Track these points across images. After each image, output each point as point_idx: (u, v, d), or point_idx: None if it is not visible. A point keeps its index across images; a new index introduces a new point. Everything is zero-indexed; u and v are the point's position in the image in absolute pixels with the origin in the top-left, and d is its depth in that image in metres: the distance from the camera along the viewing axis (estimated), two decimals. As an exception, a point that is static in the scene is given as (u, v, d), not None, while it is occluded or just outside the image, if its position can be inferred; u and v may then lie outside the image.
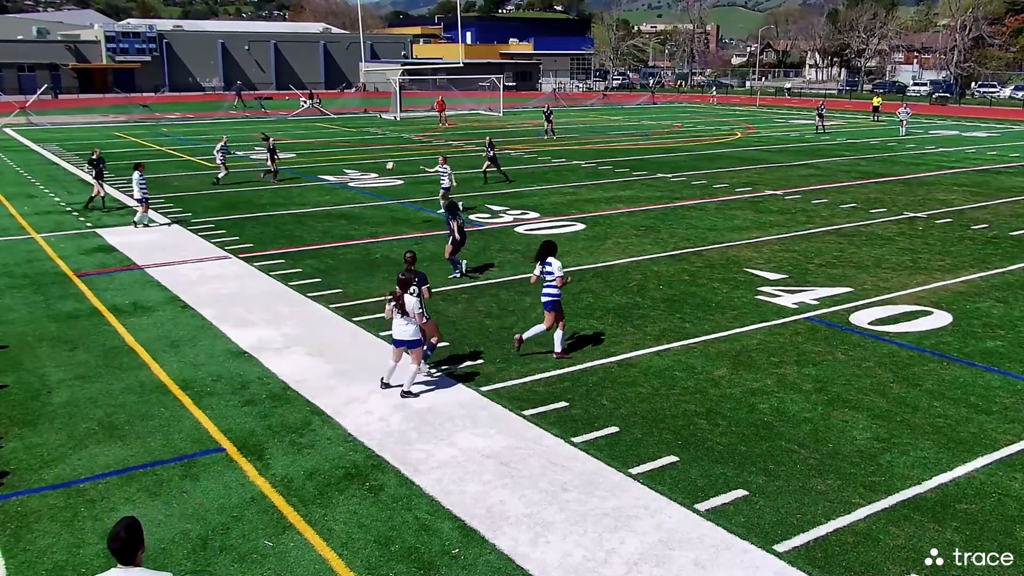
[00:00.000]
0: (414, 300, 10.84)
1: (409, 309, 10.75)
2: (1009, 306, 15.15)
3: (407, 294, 10.84)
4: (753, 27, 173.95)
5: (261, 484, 8.90)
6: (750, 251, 19.24)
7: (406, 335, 10.89)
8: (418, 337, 10.96)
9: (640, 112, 69.47)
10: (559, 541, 7.90)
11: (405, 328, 10.85)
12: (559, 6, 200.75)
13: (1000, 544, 7.82)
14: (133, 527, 5.09)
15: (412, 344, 10.94)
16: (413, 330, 10.87)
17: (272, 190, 27.60)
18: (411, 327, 10.85)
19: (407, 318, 10.78)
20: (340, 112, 65.32)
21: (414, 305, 10.80)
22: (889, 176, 31.64)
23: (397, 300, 10.77)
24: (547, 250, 12.15)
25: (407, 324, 10.82)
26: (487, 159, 29.08)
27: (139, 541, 5.11)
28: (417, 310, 10.86)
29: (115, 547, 5.04)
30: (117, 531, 5.05)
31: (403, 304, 10.75)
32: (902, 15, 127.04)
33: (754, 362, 12.40)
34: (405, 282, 10.94)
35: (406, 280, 10.97)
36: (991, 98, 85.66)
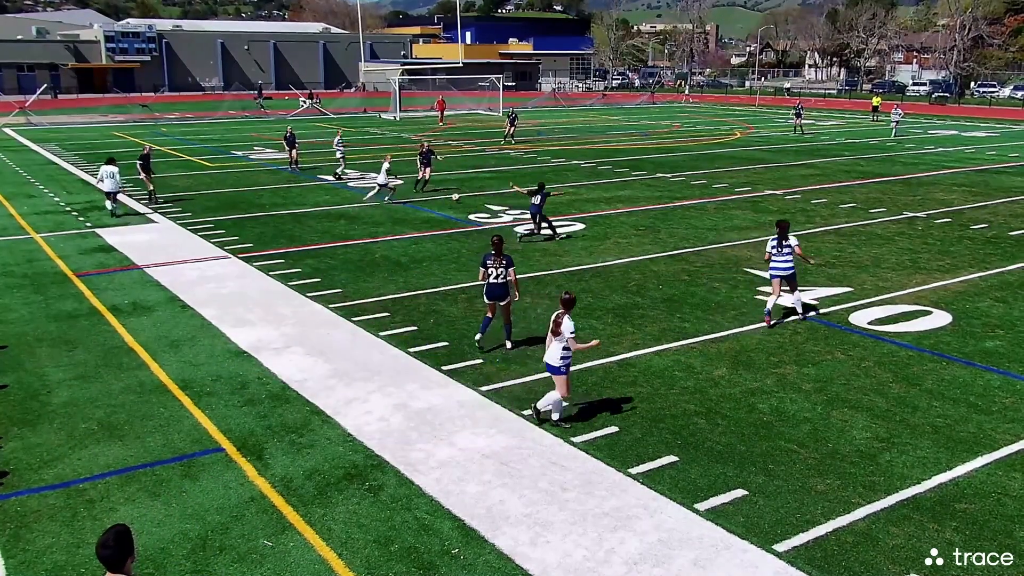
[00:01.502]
0: (570, 323, 9.97)
1: (563, 330, 9.91)
2: (1008, 306, 15.16)
3: (568, 316, 10.01)
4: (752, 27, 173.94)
5: (260, 484, 8.90)
6: (749, 251, 19.24)
7: (553, 360, 10.04)
8: (555, 364, 10.03)
9: (639, 112, 69.48)
10: (559, 541, 7.90)
11: (549, 350, 10.05)
12: (559, 6, 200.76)
13: (1000, 544, 7.82)
14: (123, 535, 4.99)
15: (551, 369, 10.14)
16: (554, 355, 10.01)
17: (271, 190, 27.60)
18: (555, 351, 9.99)
19: (559, 339, 9.94)
20: (340, 112, 65.31)
21: (568, 328, 9.93)
22: (888, 176, 31.65)
23: (556, 320, 9.96)
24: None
25: (556, 345, 9.97)
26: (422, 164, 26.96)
27: (128, 550, 5.01)
28: (569, 333, 9.93)
29: (103, 554, 4.96)
30: (106, 538, 4.97)
31: (559, 325, 9.93)
32: (901, 15, 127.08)
33: (753, 362, 12.41)
34: (569, 302, 10.15)
35: (571, 300, 10.19)
36: (990, 98, 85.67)
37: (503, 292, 12.31)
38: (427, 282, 16.49)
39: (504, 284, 12.25)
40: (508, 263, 12.23)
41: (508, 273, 12.20)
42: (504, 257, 12.22)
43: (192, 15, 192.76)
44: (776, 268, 14.02)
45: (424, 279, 16.71)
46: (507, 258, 12.23)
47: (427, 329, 13.72)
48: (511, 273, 12.23)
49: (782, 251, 13.96)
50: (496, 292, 12.32)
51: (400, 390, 11.30)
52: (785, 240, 13.95)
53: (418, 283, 16.42)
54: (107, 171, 22.99)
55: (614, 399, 11.02)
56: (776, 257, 13.98)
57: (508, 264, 12.23)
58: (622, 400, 10.99)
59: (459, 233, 21.06)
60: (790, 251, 13.95)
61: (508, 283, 12.27)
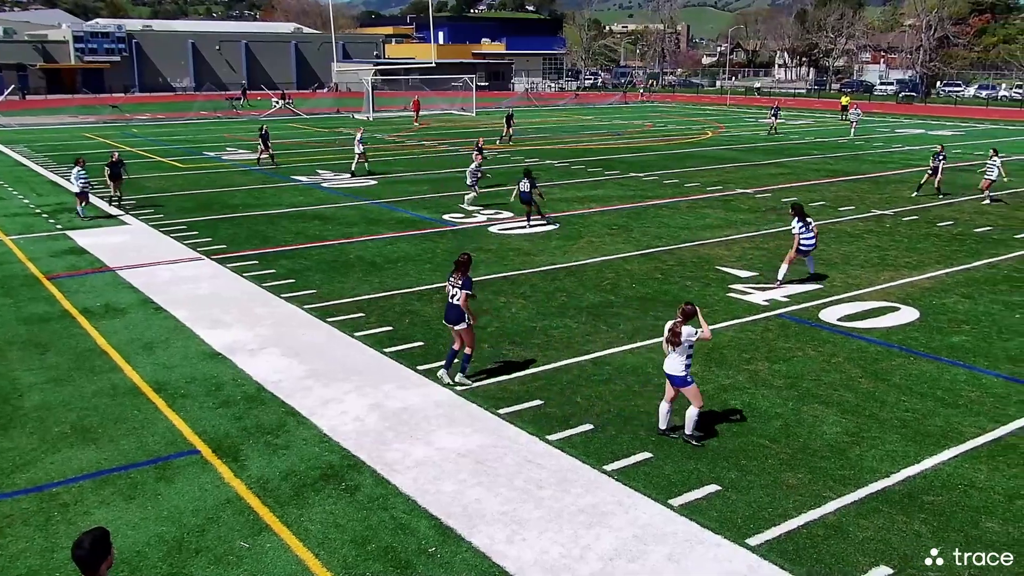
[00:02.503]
0: (690, 329, 9.58)
1: (684, 339, 9.56)
2: (974, 301, 15.44)
3: (687, 324, 9.61)
4: (723, 27, 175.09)
5: (236, 485, 8.90)
6: (721, 249, 19.44)
7: (676, 370, 9.72)
8: (679, 374, 9.68)
9: (612, 112, 69.77)
10: (535, 538, 7.97)
11: (675, 362, 9.70)
12: (531, 6, 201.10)
13: (967, 535, 8.00)
14: (99, 539, 4.95)
15: (674, 381, 9.78)
16: (675, 365, 9.71)
17: (244, 191, 27.45)
18: (675, 361, 9.66)
19: (680, 350, 9.62)
20: (312, 112, 64.99)
21: (690, 334, 9.57)
22: (857, 174, 32.06)
23: (674, 329, 9.59)
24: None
25: (678, 357, 9.65)
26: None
27: (104, 553, 4.96)
28: (693, 337, 9.59)
29: (78, 555, 4.91)
30: (81, 540, 4.93)
31: (678, 335, 9.57)
32: (869, 15, 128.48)
33: (726, 359, 12.56)
34: (691, 312, 9.65)
35: (692, 310, 9.67)
36: (956, 97, 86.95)
37: (456, 316, 11.12)
38: (402, 282, 16.51)
39: (459, 307, 11.07)
40: (463, 284, 11.04)
41: (460, 296, 11.04)
42: (462, 277, 11.09)
43: (162, 15, 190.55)
44: (805, 245, 16.22)
45: (399, 279, 16.73)
46: (465, 279, 11.07)
47: (402, 329, 13.74)
48: (462, 297, 11.01)
49: (808, 229, 16.14)
50: (450, 315, 11.22)
51: (376, 390, 11.33)
52: (808, 220, 16.18)
53: (393, 283, 16.44)
54: (74, 173, 22.83)
55: (589, 397, 11.12)
56: (805, 236, 16.14)
57: (463, 286, 11.05)
58: (596, 398, 11.09)
59: (433, 233, 21.09)
60: (814, 230, 16.26)
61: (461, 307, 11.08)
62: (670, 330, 9.60)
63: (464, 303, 11.01)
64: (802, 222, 16.13)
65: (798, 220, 16.17)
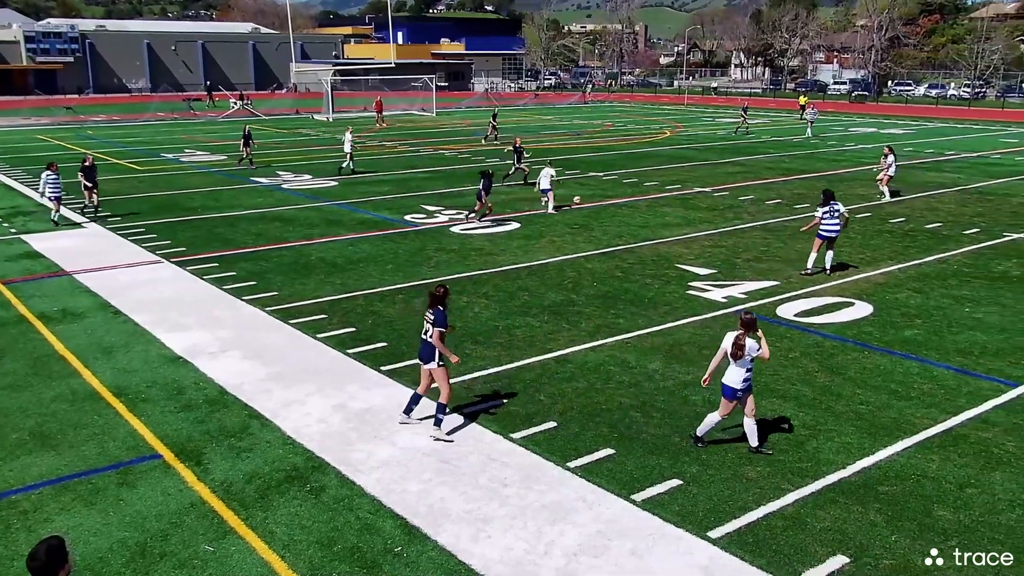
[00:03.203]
0: (753, 343, 9.39)
1: (747, 352, 9.36)
2: (925, 296, 15.82)
3: (750, 336, 9.42)
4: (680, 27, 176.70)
5: (200, 489, 8.86)
6: (680, 247, 19.69)
7: (735, 382, 9.49)
8: (736, 387, 9.47)
9: (571, 111, 70.09)
10: (500, 535, 8.05)
11: (735, 375, 9.50)
12: (490, 6, 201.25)
13: (919, 523, 8.23)
14: (55, 548, 4.84)
15: (725, 391, 9.56)
16: (735, 377, 9.47)
17: (203, 193, 27.18)
18: (736, 373, 9.45)
19: (741, 362, 9.42)
20: (271, 113, 64.43)
21: (752, 348, 9.38)
22: (812, 172, 32.60)
23: (738, 342, 9.37)
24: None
25: (739, 370, 9.45)
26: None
27: (61, 562, 4.85)
28: (755, 351, 9.40)
29: (32, 566, 4.81)
30: (36, 550, 4.83)
31: (743, 347, 9.35)
32: (822, 15, 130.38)
33: (686, 355, 12.74)
34: (751, 322, 9.48)
35: (752, 320, 9.50)
36: (906, 96, 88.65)
37: (427, 353, 9.86)
38: (364, 283, 16.50)
39: (431, 344, 9.81)
40: (435, 320, 9.75)
41: (433, 333, 9.76)
42: (434, 311, 9.79)
43: (116, 15, 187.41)
44: (827, 230, 16.86)
45: (361, 280, 16.71)
46: (437, 313, 9.75)
47: (365, 330, 13.75)
48: (435, 334, 9.71)
49: (833, 215, 16.74)
50: (422, 352, 9.96)
51: (339, 391, 11.33)
52: (835, 205, 16.76)
53: (355, 284, 16.42)
54: (44, 177, 21.91)
55: (552, 395, 11.22)
56: (827, 221, 16.78)
57: (435, 321, 9.75)
58: (560, 396, 11.20)
59: (395, 234, 21.07)
60: (839, 215, 16.76)
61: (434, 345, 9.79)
62: (734, 343, 9.36)
63: (437, 340, 9.72)
64: (827, 207, 16.74)
65: (823, 205, 16.82)
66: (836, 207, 16.82)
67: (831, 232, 16.93)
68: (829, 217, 16.82)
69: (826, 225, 16.88)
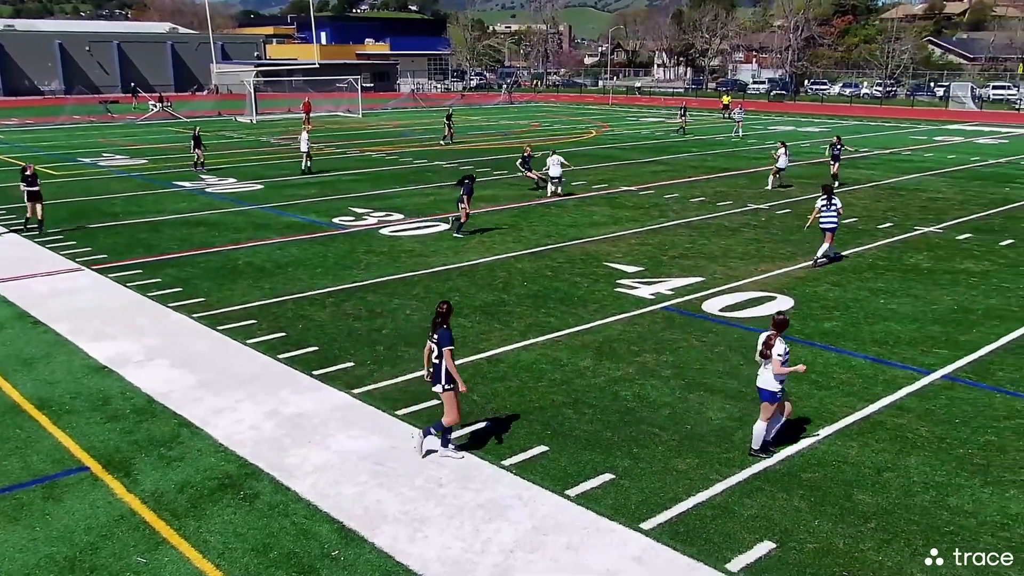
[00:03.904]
0: (782, 345, 9.41)
1: (774, 352, 9.39)
2: (843, 289, 16.40)
3: (780, 337, 9.45)
4: (604, 27, 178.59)
5: (130, 501, 8.71)
6: (608, 246, 20.00)
7: (760, 382, 9.60)
8: (773, 388, 9.48)
9: (498, 112, 70.32)
10: (437, 535, 8.12)
11: (762, 374, 9.58)
12: (414, 6, 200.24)
13: (841, 507, 8.58)
14: None
15: (762, 395, 9.62)
16: (769, 379, 9.49)
17: (124, 198, 26.50)
18: (768, 375, 9.49)
19: (769, 363, 9.45)
20: (192, 115, 62.89)
21: (780, 352, 9.39)
22: (734, 171, 33.39)
23: (767, 341, 9.45)
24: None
25: (767, 369, 9.50)
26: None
27: None
28: (777, 355, 9.37)
29: None
30: None
31: (771, 347, 9.41)
32: (741, 16, 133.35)
33: (616, 352, 12.98)
34: (782, 323, 9.58)
35: (784, 321, 9.62)
36: (822, 95, 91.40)
37: (436, 376, 9.45)
38: (293, 287, 16.35)
39: (439, 367, 9.39)
40: (440, 339, 9.35)
41: (440, 353, 9.36)
42: (439, 332, 9.37)
43: (25, 13, 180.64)
44: (825, 222, 17.86)
45: (290, 284, 16.56)
46: (440, 332, 9.35)
47: (296, 335, 13.64)
48: (446, 355, 9.30)
49: (830, 208, 17.82)
50: (433, 375, 9.52)
51: (271, 397, 11.24)
52: (833, 200, 17.83)
53: (284, 289, 16.26)
54: None
55: (485, 394, 11.32)
56: (825, 213, 17.84)
57: (439, 341, 9.36)
58: (493, 395, 11.31)
59: (324, 237, 20.91)
60: (837, 209, 17.83)
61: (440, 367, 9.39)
62: (764, 343, 9.47)
63: (449, 361, 9.27)
64: (826, 200, 17.84)
65: (822, 198, 17.95)
66: (834, 201, 17.88)
67: (830, 224, 17.91)
68: (827, 209, 17.89)
69: (824, 217, 17.92)
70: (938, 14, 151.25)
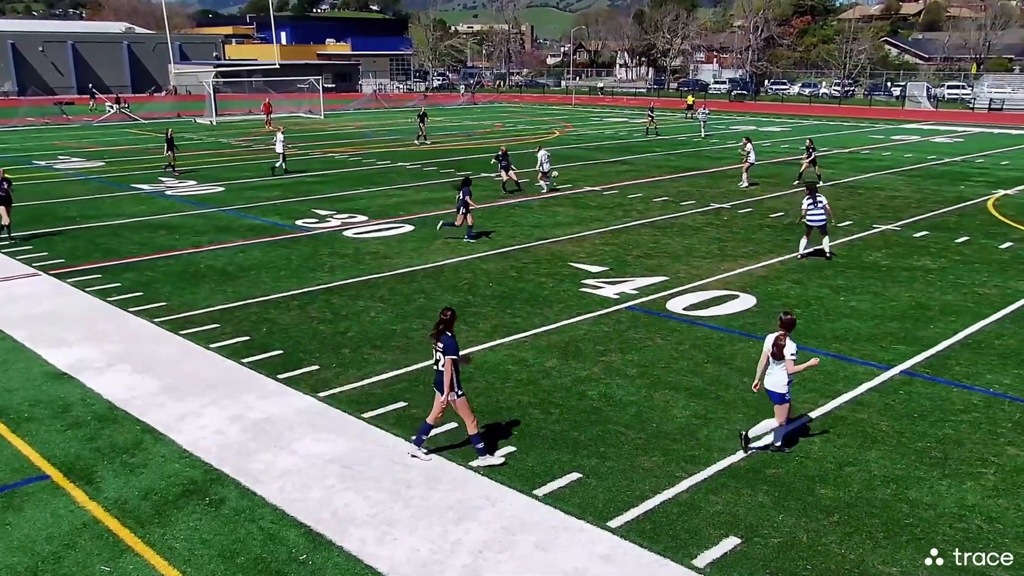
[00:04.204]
0: (792, 345, 9.41)
1: (787, 352, 9.38)
2: (804, 287, 16.64)
3: (789, 337, 9.47)
4: (566, 27, 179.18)
5: (93, 508, 8.59)
6: (573, 246, 20.09)
7: (770, 384, 9.60)
8: (781, 391, 9.51)
9: (462, 112, 70.26)
10: (406, 537, 8.12)
11: (773, 375, 9.58)
12: (375, 6, 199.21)
13: (803, 502, 8.71)
14: None
15: (772, 397, 9.63)
16: (780, 380, 9.50)
17: (81, 201, 26.10)
18: (779, 376, 9.50)
19: (780, 363, 9.46)
20: (151, 117, 62.19)
21: (789, 350, 9.39)
22: (696, 170, 33.70)
23: (777, 342, 9.43)
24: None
25: (778, 370, 9.51)
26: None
27: None
28: (790, 355, 9.39)
29: None
30: None
31: (782, 347, 9.39)
32: (702, 16, 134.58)
33: (582, 352, 13.05)
34: (790, 322, 9.59)
35: (792, 320, 9.63)
36: (782, 95, 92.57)
37: (442, 383, 9.31)
38: (257, 291, 16.22)
39: (443, 373, 9.27)
40: (445, 348, 9.20)
41: (444, 362, 9.21)
42: (441, 337, 9.24)
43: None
44: (812, 219, 18.42)
45: (253, 288, 16.42)
46: (445, 340, 9.20)
47: (260, 338, 13.53)
48: (447, 363, 9.17)
49: (816, 206, 18.34)
50: (436, 381, 9.42)
51: (236, 402, 11.14)
52: (818, 198, 18.37)
53: (248, 292, 16.12)
54: None
55: (452, 396, 11.31)
56: (812, 211, 18.37)
57: (444, 349, 9.21)
58: (460, 396, 11.30)
59: (287, 240, 20.76)
60: (823, 206, 18.36)
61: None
62: (774, 343, 9.46)
63: (450, 369, 9.17)
64: (811, 199, 18.38)
65: (807, 197, 18.48)
66: (819, 199, 18.42)
67: (817, 221, 18.46)
68: (813, 208, 18.40)
69: (811, 214, 18.44)
70: (894, 15, 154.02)
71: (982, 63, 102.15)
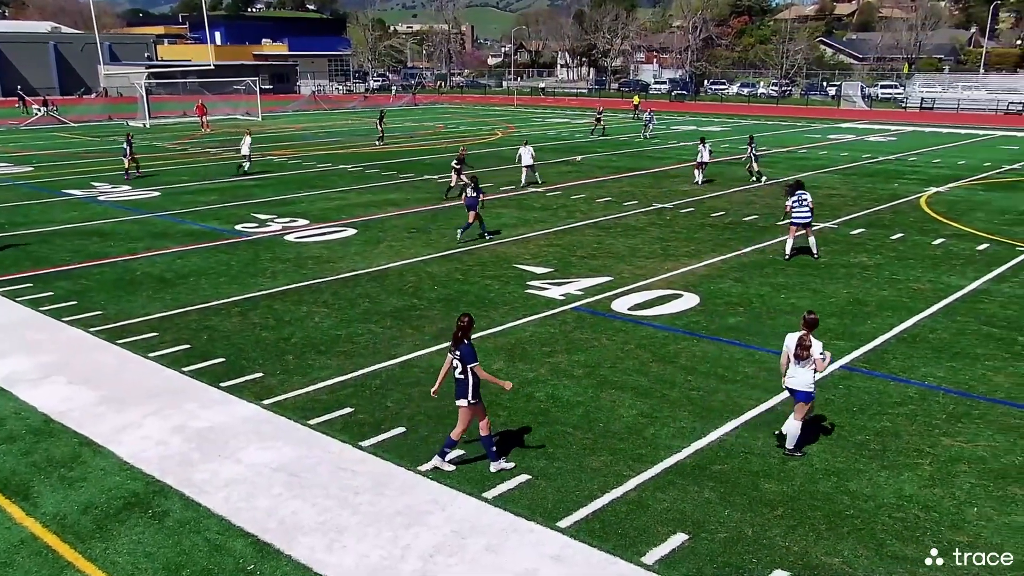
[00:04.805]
0: (819, 344, 9.41)
1: (815, 352, 9.36)
2: (745, 285, 16.92)
3: (813, 335, 9.39)
4: (506, 27, 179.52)
5: (30, 525, 8.35)
6: (518, 247, 20.13)
7: (796, 383, 9.57)
8: (808, 390, 9.53)
9: (403, 114, 69.89)
10: (355, 544, 8.05)
11: (798, 375, 9.55)
12: (312, 5, 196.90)
13: (749, 497, 8.86)
14: None
15: (798, 396, 9.61)
16: (806, 379, 9.49)
17: (7, 207, 25.31)
18: (805, 375, 9.48)
19: (805, 363, 9.44)
20: (81, 120, 60.59)
21: (817, 349, 9.38)
22: (639, 170, 34.04)
23: (802, 342, 9.38)
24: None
25: (803, 369, 9.49)
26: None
27: None
28: (819, 353, 9.37)
29: None
30: None
31: (808, 348, 9.37)
32: (641, 16, 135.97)
33: (528, 353, 13.09)
34: (814, 321, 9.53)
35: (815, 320, 9.56)
36: (721, 95, 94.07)
37: (461, 391, 9.16)
38: (196, 297, 15.92)
39: (464, 382, 9.11)
40: (464, 357, 9.07)
41: (463, 370, 9.08)
42: (459, 345, 9.11)
43: None
44: (798, 217, 18.57)
45: (192, 295, 16.11)
46: (463, 348, 9.08)
47: (201, 346, 13.29)
48: (474, 371, 9.07)
49: (802, 204, 18.49)
50: (456, 390, 9.23)
51: (178, 411, 10.92)
52: (804, 195, 18.50)
53: (187, 299, 15.81)
54: None
55: (399, 400, 11.26)
56: (797, 208, 18.51)
57: (463, 357, 9.07)
58: (407, 400, 11.26)
59: (226, 245, 20.41)
60: (808, 204, 18.56)
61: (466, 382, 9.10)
62: (798, 343, 9.44)
63: (482, 374, 9.08)
64: (795, 197, 18.48)
65: (790, 194, 18.60)
66: (804, 196, 18.49)
67: (803, 218, 18.60)
68: (798, 205, 18.54)
69: (797, 212, 18.58)
70: (829, 15, 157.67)
71: (913, 63, 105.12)
